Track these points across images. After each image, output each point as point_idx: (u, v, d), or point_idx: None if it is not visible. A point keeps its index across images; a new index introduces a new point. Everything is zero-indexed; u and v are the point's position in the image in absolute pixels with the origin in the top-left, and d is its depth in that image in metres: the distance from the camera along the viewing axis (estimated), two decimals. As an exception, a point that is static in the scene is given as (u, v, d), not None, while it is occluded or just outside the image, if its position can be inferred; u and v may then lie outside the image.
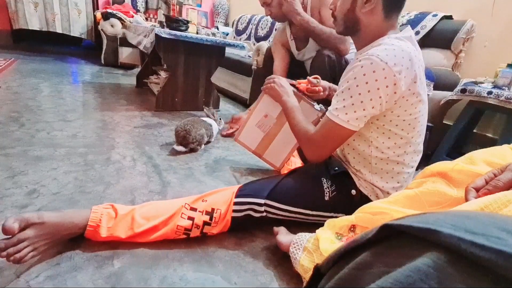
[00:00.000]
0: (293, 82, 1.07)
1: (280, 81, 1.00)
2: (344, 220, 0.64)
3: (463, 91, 1.33)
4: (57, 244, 0.66)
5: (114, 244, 0.70)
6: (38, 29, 3.26)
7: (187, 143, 1.29)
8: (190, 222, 0.72)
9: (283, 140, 1.06)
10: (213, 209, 0.75)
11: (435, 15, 1.73)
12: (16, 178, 0.92)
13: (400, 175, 0.79)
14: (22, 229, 0.59)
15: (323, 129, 0.76)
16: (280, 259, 0.74)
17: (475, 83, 1.38)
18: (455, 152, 1.45)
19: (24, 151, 1.10)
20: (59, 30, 3.38)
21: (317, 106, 1.00)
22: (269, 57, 1.66)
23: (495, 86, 1.30)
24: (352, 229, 0.63)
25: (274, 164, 1.16)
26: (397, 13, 0.75)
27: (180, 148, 1.29)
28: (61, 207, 0.81)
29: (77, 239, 0.68)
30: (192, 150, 1.33)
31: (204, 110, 1.57)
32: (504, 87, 1.28)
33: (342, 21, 0.79)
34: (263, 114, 1.04)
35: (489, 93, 1.25)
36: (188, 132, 1.27)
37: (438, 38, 1.70)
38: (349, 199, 0.81)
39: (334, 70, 1.22)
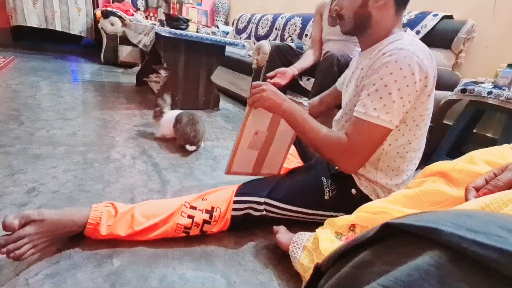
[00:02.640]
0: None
1: (272, 88, 0.79)
2: (344, 219, 0.64)
3: (463, 91, 1.33)
4: (56, 242, 0.66)
5: (113, 242, 0.70)
6: (37, 26, 3.25)
7: (198, 141, 1.29)
8: (190, 220, 0.72)
9: (277, 148, 0.96)
10: (213, 208, 0.75)
11: (435, 15, 1.73)
12: (15, 176, 0.92)
13: (404, 173, 0.79)
14: (22, 226, 0.59)
15: (363, 134, 0.69)
16: (280, 258, 0.74)
17: (475, 83, 1.38)
18: (455, 152, 1.45)
19: (24, 149, 1.10)
20: (58, 28, 3.37)
21: (305, 102, 0.94)
22: (272, 57, 1.67)
23: (495, 86, 1.30)
24: (352, 228, 0.63)
25: (273, 173, 1.10)
26: (405, 8, 0.75)
27: (193, 148, 1.28)
28: (60, 206, 0.81)
29: (76, 237, 0.68)
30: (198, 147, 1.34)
31: (158, 101, 1.40)
32: (504, 87, 1.28)
33: (351, 18, 0.77)
34: (253, 133, 0.87)
35: (489, 93, 1.25)
36: (197, 132, 1.26)
37: (438, 37, 1.70)
38: (349, 198, 0.81)
39: (342, 72, 1.22)
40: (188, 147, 1.28)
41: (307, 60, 1.57)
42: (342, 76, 1.02)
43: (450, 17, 1.75)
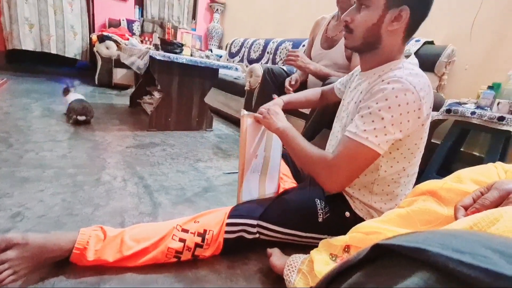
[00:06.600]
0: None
1: (275, 109, 0.90)
2: (338, 240, 0.64)
3: (448, 111, 1.38)
4: (40, 268, 0.63)
5: (100, 269, 0.67)
6: (32, 50, 3.29)
7: (86, 113, 1.77)
8: (182, 244, 0.70)
9: (272, 165, 0.99)
10: (205, 230, 0.73)
11: (417, 41, 1.83)
12: (0, 200, 0.89)
13: (398, 198, 0.79)
14: (3, 250, 0.57)
15: (348, 153, 0.68)
16: (274, 282, 0.72)
17: (459, 103, 1.44)
18: (444, 170, 1.48)
19: (11, 172, 1.07)
20: (53, 51, 3.41)
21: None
22: (265, 79, 1.72)
23: (478, 107, 1.36)
24: (346, 249, 0.63)
25: (274, 191, 1.03)
26: (410, 37, 0.76)
27: (83, 118, 1.75)
28: (46, 231, 0.78)
29: (61, 264, 0.65)
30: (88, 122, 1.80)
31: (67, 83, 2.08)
32: (486, 108, 1.34)
33: (361, 35, 0.74)
34: (254, 157, 0.92)
35: (473, 113, 1.31)
36: (86, 107, 1.79)
37: (421, 61, 1.78)
38: (343, 221, 0.80)
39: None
40: (79, 117, 1.73)
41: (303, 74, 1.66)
42: (341, 81, 1.03)
43: (431, 42, 1.85)
